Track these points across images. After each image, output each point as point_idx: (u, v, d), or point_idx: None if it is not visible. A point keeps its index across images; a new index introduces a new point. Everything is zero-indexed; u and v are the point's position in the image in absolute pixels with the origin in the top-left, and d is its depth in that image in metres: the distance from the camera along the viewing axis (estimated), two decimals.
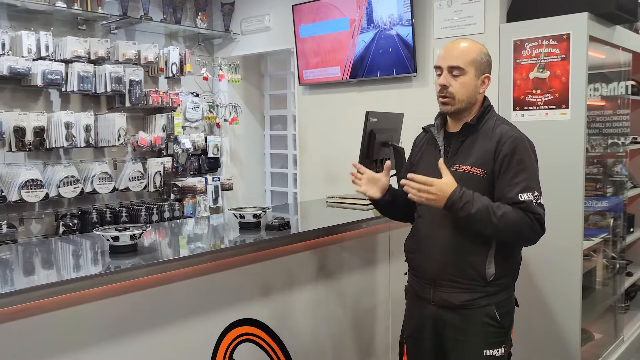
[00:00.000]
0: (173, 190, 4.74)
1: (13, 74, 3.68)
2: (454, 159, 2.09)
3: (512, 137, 2.02)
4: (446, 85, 2.05)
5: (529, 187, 1.97)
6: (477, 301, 2.07)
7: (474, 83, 2.05)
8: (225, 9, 4.98)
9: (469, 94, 2.05)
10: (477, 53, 2.06)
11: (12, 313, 1.63)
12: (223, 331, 2.21)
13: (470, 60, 2.03)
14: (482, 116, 2.09)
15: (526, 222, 1.95)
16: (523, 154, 2.01)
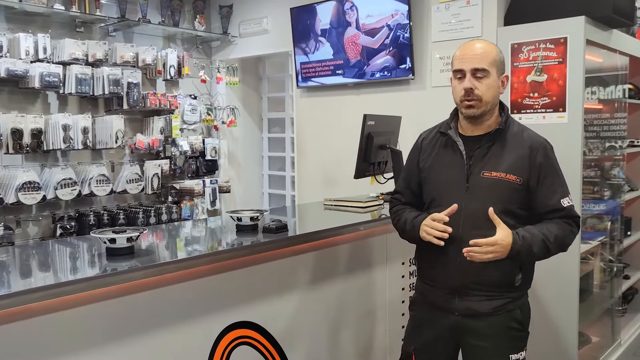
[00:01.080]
0: (171, 193, 4.73)
1: (11, 76, 3.68)
2: (481, 164, 2.02)
3: (541, 142, 2.04)
4: (472, 89, 1.98)
5: (566, 191, 2.03)
6: (506, 307, 2.06)
7: (497, 84, 2.02)
8: (224, 12, 4.99)
9: (494, 95, 2.02)
10: (496, 53, 2.02)
11: (9, 315, 1.63)
12: (220, 334, 2.20)
13: (492, 61, 1.99)
14: (507, 120, 2.07)
15: (569, 231, 2.01)
16: (553, 159, 2.06)
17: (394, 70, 3.86)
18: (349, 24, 4.05)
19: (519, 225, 1.99)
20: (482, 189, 2.00)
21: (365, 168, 3.12)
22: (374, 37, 3.95)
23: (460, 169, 2.04)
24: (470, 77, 1.98)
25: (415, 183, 2.21)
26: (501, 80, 2.04)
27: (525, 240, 1.93)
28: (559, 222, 1.99)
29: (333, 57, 4.18)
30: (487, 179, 2.00)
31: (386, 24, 3.86)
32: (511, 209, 1.99)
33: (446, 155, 2.11)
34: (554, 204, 1.98)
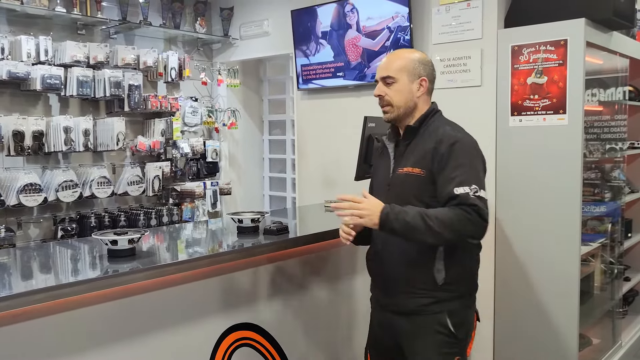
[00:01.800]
0: (171, 195, 4.74)
1: (12, 79, 3.69)
2: (398, 162, 2.15)
3: (451, 136, 2.06)
4: (381, 95, 2.15)
5: (465, 181, 1.96)
6: (430, 307, 2.06)
7: (408, 88, 2.14)
8: (224, 14, 5.00)
9: (406, 98, 2.14)
10: (406, 60, 2.15)
11: (11, 317, 1.63)
12: (221, 335, 2.21)
13: (400, 68, 2.13)
14: (425, 119, 2.16)
15: (463, 217, 1.91)
16: (460, 151, 2.02)
17: None
18: (350, 26, 4.06)
19: None
20: (397, 185, 2.12)
21: (365, 170, 3.13)
22: (374, 39, 3.95)
23: (386, 170, 2.19)
24: (381, 84, 2.16)
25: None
26: (417, 84, 2.15)
27: (396, 207, 1.95)
28: (453, 208, 1.94)
29: (334, 59, 4.19)
30: (400, 175, 2.11)
31: (387, 26, 3.86)
32: (425, 201, 2.03)
33: (381, 160, 2.28)
34: (448, 192, 1.96)
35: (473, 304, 2.17)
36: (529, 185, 3.33)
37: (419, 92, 2.16)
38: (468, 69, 3.55)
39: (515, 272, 3.40)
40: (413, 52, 2.22)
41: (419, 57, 2.18)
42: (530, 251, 3.35)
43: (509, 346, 3.48)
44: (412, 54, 2.19)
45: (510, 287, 3.44)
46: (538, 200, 3.29)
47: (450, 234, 1.92)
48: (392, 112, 2.16)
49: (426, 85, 2.17)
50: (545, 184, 3.26)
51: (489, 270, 3.54)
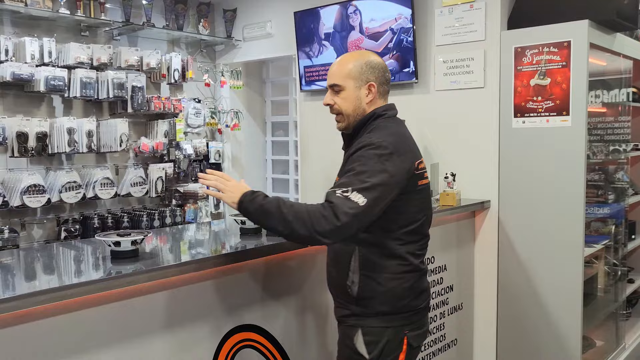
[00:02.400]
0: (174, 196, 4.74)
1: (16, 80, 3.70)
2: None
3: (365, 141, 1.89)
4: (330, 104, 2.07)
5: (344, 183, 1.82)
6: (347, 319, 2.01)
7: (355, 95, 2.01)
8: (227, 16, 5.01)
9: (355, 106, 2.02)
10: (352, 64, 2.02)
11: (14, 318, 1.64)
12: (224, 337, 2.21)
13: (346, 74, 2.01)
14: (361, 126, 2.02)
15: (317, 212, 1.78)
16: (363, 156, 1.86)
17: (398, 74, 3.86)
18: (353, 28, 4.06)
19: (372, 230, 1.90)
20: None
21: None
22: (377, 40, 3.95)
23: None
24: (329, 93, 2.07)
25: None
26: (366, 88, 2.01)
27: (258, 193, 1.87)
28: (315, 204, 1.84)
29: None
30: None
31: (390, 28, 3.86)
32: None
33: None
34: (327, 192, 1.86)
35: (401, 326, 1.96)
36: (533, 187, 3.32)
37: (367, 97, 2.02)
38: (471, 70, 3.55)
39: (518, 273, 3.40)
40: (360, 56, 2.06)
41: (367, 61, 2.03)
42: (534, 253, 3.34)
43: (512, 348, 3.47)
44: (358, 59, 2.04)
45: (513, 288, 3.44)
46: (541, 202, 3.28)
47: (300, 225, 1.77)
48: (343, 121, 2.06)
49: (375, 90, 2.02)
50: (548, 185, 3.26)
51: (492, 271, 3.53)
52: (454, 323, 3.46)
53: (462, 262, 3.52)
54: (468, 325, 3.62)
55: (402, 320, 1.96)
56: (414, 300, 1.98)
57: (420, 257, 2.01)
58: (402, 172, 1.88)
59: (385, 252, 1.93)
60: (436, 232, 3.27)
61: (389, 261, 1.93)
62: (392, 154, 1.86)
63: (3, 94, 3.80)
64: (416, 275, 1.99)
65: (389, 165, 1.84)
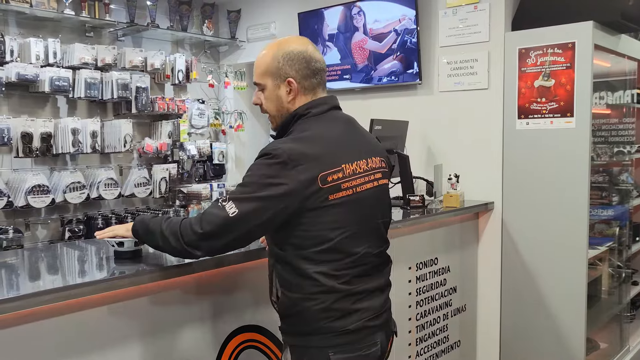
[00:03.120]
0: (178, 197, 4.75)
1: (21, 81, 3.72)
2: None
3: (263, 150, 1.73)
4: (258, 104, 1.86)
5: (230, 192, 1.72)
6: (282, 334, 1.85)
7: (275, 93, 1.79)
8: (232, 17, 5.01)
9: (278, 105, 1.81)
10: (270, 59, 1.79)
11: (18, 318, 1.64)
12: (227, 338, 2.21)
13: (264, 71, 1.80)
14: (285, 129, 1.81)
15: (188, 221, 1.69)
16: (254, 165, 1.71)
17: (401, 75, 3.86)
18: (357, 29, 4.07)
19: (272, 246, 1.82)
20: None
21: None
22: (381, 42, 3.95)
23: None
24: (257, 91, 1.85)
25: None
26: (287, 85, 1.78)
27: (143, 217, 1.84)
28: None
29: (340, 62, 4.20)
30: None
31: (393, 29, 3.86)
32: None
33: None
34: None
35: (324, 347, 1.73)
36: (536, 188, 3.31)
37: (289, 96, 1.78)
38: (475, 71, 3.54)
39: (521, 275, 3.39)
40: (278, 47, 1.80)
41: (285, 53, 1.77)
42: (537, 254, 3.34)
43: (516, 349, 3.47)
44: (274, 49, 1.79)
45: (516, 290, 3.43)
46: (545, 204, 3.28)
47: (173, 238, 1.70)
48: (273, 122, 1.86)
49: (295, 85, 1.77)
50: (552, 187, 3.25)
51: (495, 273, 3.53)
52: (457, 324, 3.46)
53: (466, 264, 3.52)
54: (471, 326, 3.61)
55: (323, 341, 1.74)
56: (336, 322, 1.73)
57: (339, 277, 1.72)
58: (296, 185, 1.63)
59: (298, 272, 1.73)
60: (439, 234, 3.27)
61: (303, 281, 1.73)
62: (285, 163, 1.64)
63: (8, 94, 3.81)
64: (334, 296, 1.72)
65: (278, 177, 1.64)
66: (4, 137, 3.63)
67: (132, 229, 1.85)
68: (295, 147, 1.67)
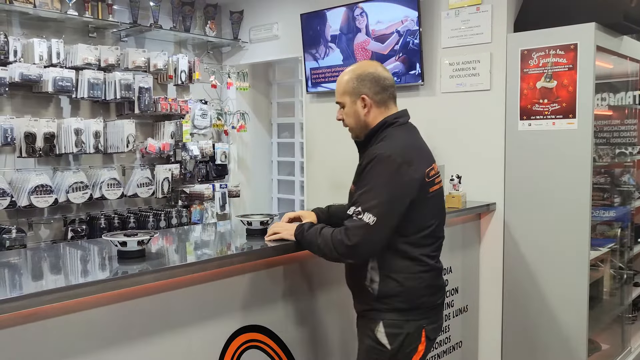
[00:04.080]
0: (181, 197, 4.76)
1: (24, 81, 3.73)
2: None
3: (375, 154, 2.01)
4: (341, 119, 2.21)
5: (358, 201, 1.99)
6: (368, 313, 2.13)
7: (353, 109, 2.15)
8: (234, 18, 5.02)
9: (356, 120, 2.16)
10: (346, 81, 2.15)
11: (21, 317, 1.65)
12: (229, 337, 2.21)
13: (342, 92, 2.16)
14: (371, 136, 2.15)
15: (336, 236, 2.00)
16: (373, 169, 1.99)
17: (404, 76, 3.86)
18: (359, 30, 4.07)
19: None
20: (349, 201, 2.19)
21: None
22: (383, 43, 3.96)
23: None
24: (339, 109, 2.21)
25: None
26: (362, 101, 2.13)
27: (304, 226, 2.16)
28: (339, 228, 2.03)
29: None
30: (350, 192, 2.18)
31: (396, 30, 3.87)
32: None
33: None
34: (348, 211, 2.02)
35: (420, 320, 2.09)
36: (538, 189, 3.32)
37: (364, 110, 2.13)
38: (477, 72, 3.55)
39: (523, 276, 3.40)
40: (352, 70, 2.16)
41: (357, 75, 2.14)
42: (539, 255, 3.34)
43: (517, 350, 3.47)
44: (350, 74, 2.16)
45: (518, 291, 3.43)
46: (547, 205, 3.28)
47: (328, 250, 2.04)
48: (354, 133, 2.22)
49: (369, 101, 2.12)
50: (554, 188, 3.25)
51: (497, 274, 3.53)
52: (459, 325, 3.46)
53: (468, 265, 3.52)
54: (473, 327, 3.61)
55: (420, 315, 2.09)
56: (431, 297, 2.12)
57: (435, 257, 2.15)
58: (412, 183, 2.00)
59: (403, 255, 2.05)
60: None
61: (406, 262, 2.06)
62: (400, 165, 1.97)
63: (11, 94, 3.82)
64: (432, 274, 2.13)
65: (398, 178, 1.97)
66: (8, 137, 3.65)
67: (296, 239, 2.19)
68: (403, 149, 2.02)
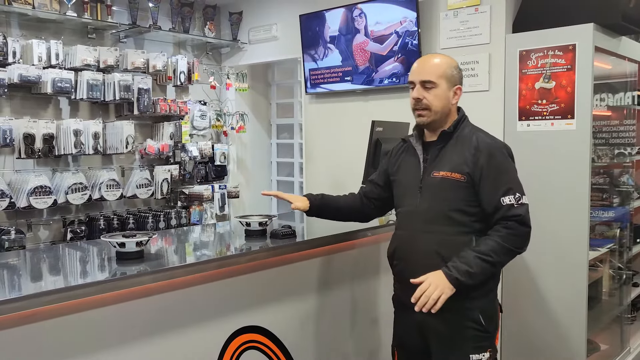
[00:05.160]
0: (180, 198, 4.76)
1: (23, 82, 3.73)
2: (433, 165, 2.18)
3: (488, 143, 2.13)
4: (420, 98, 2.16)
5: (510, 189, 2.07)
6: (462, 305, 2.10)
7: (446, 94, 2.17)
8: (233, 19, 5.02)
9: (443, 104, 2.17)
10: (446, 66, 2.17)
11: (20, 318, 1.65)
12: (228, 338, 2.22)
13: (441, 74, 2.15)
14: (458, 125, 2.20)
15: (509, 235, 2.05)
16: (500, 158, 2.12)
17: (403, 76, 3.87)
18: (358, 31, 4.08)
19: (472, 224, 2.12)
20: (431, 188, 2.16)
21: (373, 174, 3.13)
22: (382, 43, 3.96)
23: (416, 172, 2.22)
24: (420, 87, 2.17)
25: (380, 179, 2.44)
26: (453, 91, 2.18)
27: (456, 267, 2.02)
28: (498, 229, 2.06)
29: (342, 63, 4.21)
30: (435, 178, 2.15)
31: (395, 31, 3.87)
32: (460, 206, 2.12)
33: (408, 161, 2.30)
34: (496, 201, 2.06)
35: (496, 297, 2.23)
36: (537, 190, 3.31)
37: (454, 99, 2.19)
38: (476, 73, 3.55)
39: (522, 276, 3.40)
40: (451, 60, 2.23)
41: (456, 66, 2.22)
42: (538, 255, 3.34)
43: (516, 351, 3.47)
44: (450, 61, 2.21)
45: (517, 292, 3.43)
46: (546, 206, 3.28)
47: (506, 258, 2.08)
48: (428, 117, 2.18)
49: (460, 94, 2.21)
50: (553, 189, 3.25)
51: None
52: None
53: None
54: None
55: (496, 292, 2.22)
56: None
57: None
58: None
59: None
60: None
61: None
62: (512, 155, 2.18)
63: (10, 95, 3.82)
64: None
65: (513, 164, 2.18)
66: (7, 138, 3.65)
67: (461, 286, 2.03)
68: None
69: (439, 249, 2.11)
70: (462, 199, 2.11)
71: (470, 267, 2.02)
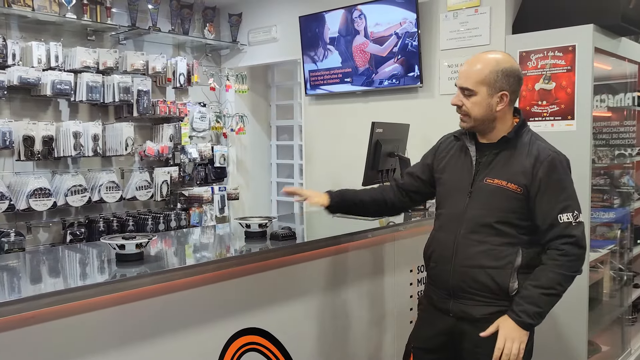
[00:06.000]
0: (179, 200, 4.76)
1: (23, 84, 3.73)
2: (487, 171, 2.06)
3: (549, 155, 2.00)
4: (459, 105, 2.07)
5: (569, 206, 1.97)
6: (498, 314, 2.03)
7: (486, 102, 2.01)
8: (233, 20, 5.02)
9: (483, 112, 2.03)
10: (489, 71, 2.00)
11: (19, 321, 1.64)
12: (228, 340, 2.21)
13: (480, 81, 2.00)
14: (519, 130, 2.07)
15: (565, 262, 1.97)
16: (561, 172, 2.00)
17: (402, 78, 3.87)
18: (358, 32, 4.07)
19: (519, 236, 2.02)
20: (483, 195, 2.05)
21: (373, 175, 3.13)
22: (382, 45, 3.96)
23: (467, 174, 2.10)
24: (459, 94, 2.07)
25: (423, 173, 2.31)
26: (498, 97, 2.01)
27: (525, 311, 1.97)
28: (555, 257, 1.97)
29: (341, 65, 4.21)
30: (489, 185, 2.04)
31: (394, 32, 3.87)
32: (509, 219, 2.01)
33: (458, 160, 2.17)
34: (552, 218, 1.96)
35: None
36: None
37: (498, 106, 2.02)
38: None
39: None
40: (497, 63, 2.02)
41: (503, 68, 2.01)
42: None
43: None
44: (496, 65, 2.01)
45: None
46: None
47: (569, 283, 2.01)
48: (468, 122, 2.08)
49: (507, 99, 2.02)
50: None
51: None
52: None
53: None
54: None
55: None
56: None
57: None
58: None
59: (539, 249, 2.04)
60: None
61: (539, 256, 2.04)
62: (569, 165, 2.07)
63: (10, 98, 3.82)
64: None
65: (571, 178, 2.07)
66: (6, 140, 3.65)
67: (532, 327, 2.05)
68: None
69: (482, 259, 2.03)
70: (515, 212, 2.00)
71: (538, 306, 1.97)
